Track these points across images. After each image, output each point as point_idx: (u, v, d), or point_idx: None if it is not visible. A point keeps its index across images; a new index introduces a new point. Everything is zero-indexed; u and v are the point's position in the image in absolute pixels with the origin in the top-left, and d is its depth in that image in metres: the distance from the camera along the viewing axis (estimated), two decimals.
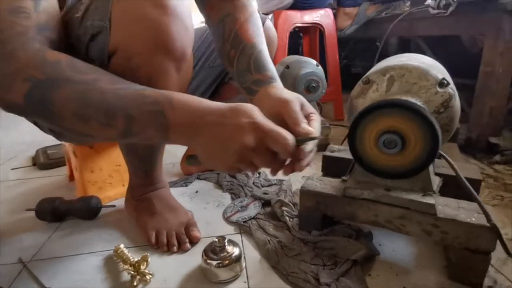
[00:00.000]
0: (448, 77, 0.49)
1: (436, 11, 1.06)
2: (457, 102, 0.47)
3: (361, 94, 0.51)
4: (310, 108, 0.49)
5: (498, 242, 0.48)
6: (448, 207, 0.53)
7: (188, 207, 0.80)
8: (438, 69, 0.49)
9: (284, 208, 0.73)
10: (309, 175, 0.69)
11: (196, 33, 0.89)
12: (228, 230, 0.72)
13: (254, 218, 0.74)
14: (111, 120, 0.39)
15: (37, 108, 0.39)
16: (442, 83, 0.46)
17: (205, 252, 0.58)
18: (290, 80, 1.06)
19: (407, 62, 0.48)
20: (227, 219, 0.75)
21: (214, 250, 0.57)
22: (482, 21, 0.95)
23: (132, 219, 0.74)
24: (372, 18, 1.53)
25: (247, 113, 0.40)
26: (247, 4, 0.63)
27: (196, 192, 0.91)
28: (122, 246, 0.62)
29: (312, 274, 0.55)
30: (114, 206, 0.82)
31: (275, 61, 1.01)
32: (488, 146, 1.02)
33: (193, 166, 0.99)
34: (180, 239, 0.66)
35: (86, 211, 0.77)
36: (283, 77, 1.08)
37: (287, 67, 1.06)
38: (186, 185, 0.94)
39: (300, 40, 2.33)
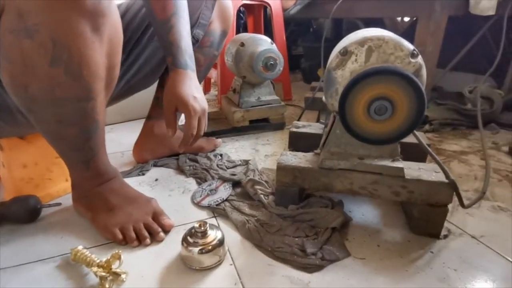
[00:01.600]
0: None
1: None
2: (424, 72, 0.51)
3: (340, 66, 0.52)
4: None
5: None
6: (411, 169, 0.59)
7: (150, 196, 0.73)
8: (405, 40, 0.52)
9: (257, 187, 0.72)
10: (272, 153, 0.69)
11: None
12: (201, 216, 0.68)
13: (226, 200, 0.71)
14: None
15: None
16: (413, 54, 0.50)
17: (185, 239, 0.54)
18: (246, 57, 1.03)
19: (382, 33, 0.50)
20: (197, 204, 0.71)
21: (196, 235, 0.53)
22: (417, 3, 1.06)
23: (87, 220, 0.65)
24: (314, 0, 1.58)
25: None
26: None
27: (156, 180, 0.83)
28: (80, 247, 0.54)
29: (298, 246, 0.56)
30: (59, 204, 0.70)
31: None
32: None
33: (147, 155, 0.91)
34: (151, 229, 0.60)
35: (24, 213, 0.64)
36: (237, 54, 1.04)
37: (242, 44, 1.03)
38: (143, 174, 0.85)
39: (241, 20, 2.29)
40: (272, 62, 0.98)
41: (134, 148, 0.91)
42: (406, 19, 1.85)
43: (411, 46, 0.50)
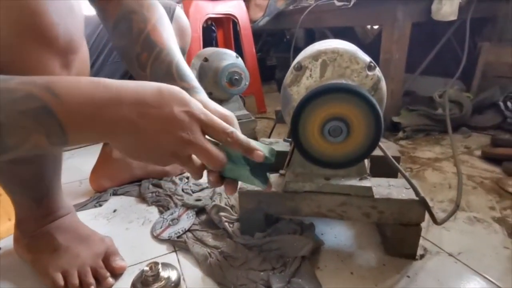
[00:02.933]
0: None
1: (340, 3, 1.13)
2: (383, 84, 0.48)
3: (295, 82, 0.48)
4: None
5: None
6: (381, 187, 0.55)
7: (105, 232, 0.66)
8: (362, 52, 0.49)
9: (221, 213, 0.66)
10: None
11: (91, 20, 0.74)
12: (159, 251, 0.61)
13: (189, 230, 0.65)
14: None
15: None
16: (370, 66, 0.46)
17: (134, 285, 0.47)
18: (211, 73, 0.98)
19: (336, 45, 0.47)
20: (157, 237, 0.65)
21: (146, 281, 0.47)
22: (380, 12, 1.05)
23: (26, 263, 0.57)
24: (282, 10, 1.57)
25: (178, 99, 0.34)
26: (155, 3, 0.54)
27: (114, 211, 0.76)
28: None
29: (263, 282, 0.50)
30: None
31: (189, 55, 0.93)
32: (392, 124, 1.15)
33: (106, 183, 0.84)
34: (98, 274, 0.53)
35: None
36: (202, 70, 1.00)
37: (206, 59, 0.98)
38: (100, 205, 0.78)
39: (214, 34, 2.26)
40: (236, 77, 0.94)
41: (91, 176, 0.84)
42: (376, 26, 1.87)
43: (367, 58, 0.46)
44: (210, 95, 1.04)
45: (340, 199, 0.53)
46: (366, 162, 0.60)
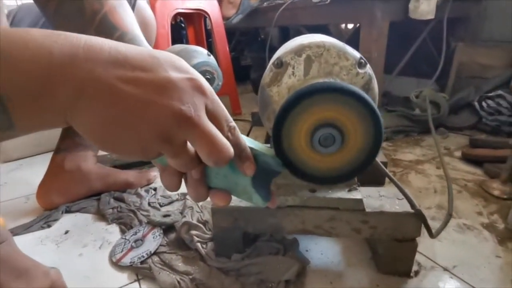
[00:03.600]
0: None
1: (317, 0, 1.08)
2: (375, 83, 0.42)
3: (275, 81, 0.41)
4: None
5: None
6: (371, 198, 0.49)
7: (53, 260, 0.56)
8: (350, 47, 0.43)
9: (193, 232, 0.58)
10: None
11: (31, 9, 0.63)
12: (119, 281, 0.52)
13: (155, 253, 0.56)
14: None
15: None
16: (361, 63, 0.40)
17: None
18: None
19: (322, 39, 0.40)
20: (116, 264, 0.55)
21: None
22: (358, 10, 1.01)
23: None
24: (256, 8, 1.50)
25: (177, 64, 0.23)
26: None
27: (66, 232, 0.65)
28: None
29: None
30: None
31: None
32: None
33: (57, 198, 0.72)
34: None
35: None
36: None
37: None
38: (49, 226, 0.67)
39: (184, 31, 2.15)
40: (208, 77, 0.86)
41: (38, 191, 0.72)
42: (350, 25, 1.86)
43: (357, 54, 0.40)
44: None
45: (328, 214, 0.47)
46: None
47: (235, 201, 0.50)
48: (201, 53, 0.91)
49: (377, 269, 0.52)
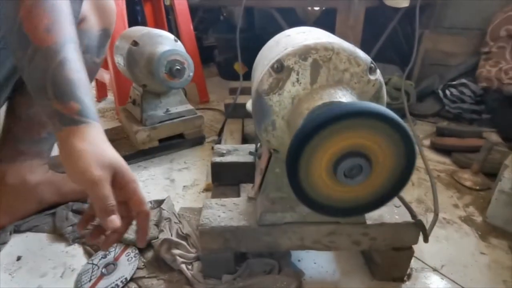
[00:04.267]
0: None
1: None
2: (385, 91, 0.38)
3: (275, 88, 0.35)
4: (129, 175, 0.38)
5: None
6: None
7: None
8: (358, 49, 0.38)
9: (175, 251, 0.51)
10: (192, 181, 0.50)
11: None
12: None
13: (132, 279, 0.49)
14: None
15: None
16: (371, 68, 0.36)
17: None
18: (143, 61, 0.78)
19: (328, 39, 0.35)
20: None
21: None
22: None
23: None
24: None
25: None
26: None
27: (19, 259, 0.55)
28: None
29: None
30: None
31: (114, 33, 0.70)
32: None
33: (2, 218, 0.60)
34: None
35: None
36: (131, 57, 0.78)
37: (135, 43, 0.77)
38: None
39: (138, 7, 1.94)
40: (178, 67, 0.76)
41: None
42: (316, 8, 1.80)
43: (368, 58, 0.36)
44: (145, 87, 0.83)
45: (328, 228, 0.44)
46: None
47: (225, 220, 0.45)
48: (167, 38, 0.80)
49: (372, 276, 0.51)
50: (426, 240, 0.48)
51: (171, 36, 0.81)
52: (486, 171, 0.77)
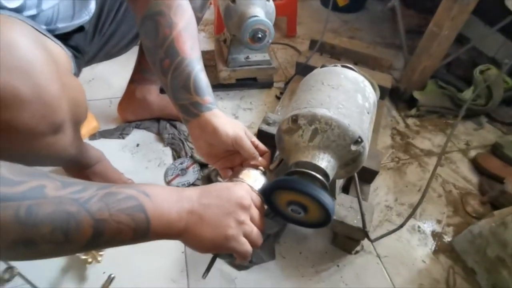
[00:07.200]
0: (366, 122, 0.54)
1: None
2: (364, 157, 0.53)
3: (289, 132, 0.54)
4: (250, 134, 0.54)
5: None
6: (342, 207, 0.68)
7: (129, 166, 0.85)
8: (359, 116, 0.53)
9: (219, 178, 0.82)
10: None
11: None
12: None
13: (193, 184, 0.83)
14: (73, 234, 0.31)
15: None
16: (357, 141, 0.51)
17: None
18: (236, 18, 0.92)
19: (331, 115, 0.50)
20: (168, 184, 0.84)
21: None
22: None
23: None
24: None
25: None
26: (184, 5, 0.52)
27: (137, 145, 0.93)
28: None
29: None
30: None
31: None
32: (411, 99, 1.13)
33: (130, 116, 0.97)
34: None
35: None
36: (227, 12, 0.94)
37: (233, 1, 0.90)
38: (123, 137, 0.94)
39: None
40: (260, 36, 0.90)
41: (118, 107, 0.97)
42: None
43: (357, 134, 0.50)
44: (234, 36, 1.01)
45: None
46: (342, 182, 0.71)
47: None
48: (260, 2, 0.91)
49: (331, 242, 0.76)
50: (369, 239, 0.69)
51: None
52: (498, 204, 0.84)
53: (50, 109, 0.41)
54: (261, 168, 0.52)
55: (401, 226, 0.73)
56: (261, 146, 0.55)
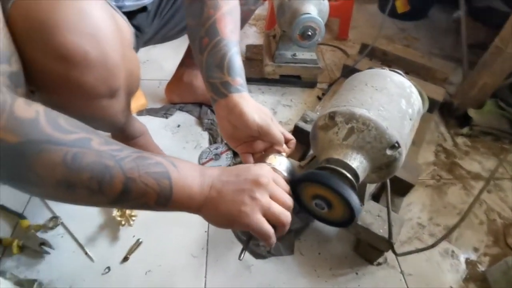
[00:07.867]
0: (407, 127, 0.52)
1: None
2: (400, 163, 0.51)
3: (324, 129, 0.54)
4: (275, 122, 0.54)
5: None
6: (370, 214, 0.66)
7: (168, 145, 0.90)
8: (400, 121, 0.51)
9: None
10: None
11: None
12: None
13: None
14: (106, 186, 0.35)
15: (11, 176, 0.33)
16: (393, 146, 0.49)
17: None
18: (288, 14, 0.93)
19: (370, 116, 0.49)
20: (202, 166, 0.87)
21: None
22: None
23: None
24: None
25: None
26: None
27: (178, 126, 0.98)
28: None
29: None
30: None
31: None
32: (464, 116, 1.05)
33: (176, 98, 1.02)
34: None
35: None
36: (281, 7, 0.95)
37: None
38: (167, 117, 1.00)
39: None
40: (310, 33, 0.89)
41: (166, 88, 1.03)
42: None
43: (394, 138, 0.49)
44: (284, 32, 1.02)
45: None
46: (373, 187, 0.69)
47: None
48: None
49: (353, 248, 0.74)
50: (394, 252, 0.66)
51: None
52: None
53: (111, 74, 0.46)
54: (284, 154, 0.52)
55: (433, 246, 0.68)
56: (287, 133, 0.55)
